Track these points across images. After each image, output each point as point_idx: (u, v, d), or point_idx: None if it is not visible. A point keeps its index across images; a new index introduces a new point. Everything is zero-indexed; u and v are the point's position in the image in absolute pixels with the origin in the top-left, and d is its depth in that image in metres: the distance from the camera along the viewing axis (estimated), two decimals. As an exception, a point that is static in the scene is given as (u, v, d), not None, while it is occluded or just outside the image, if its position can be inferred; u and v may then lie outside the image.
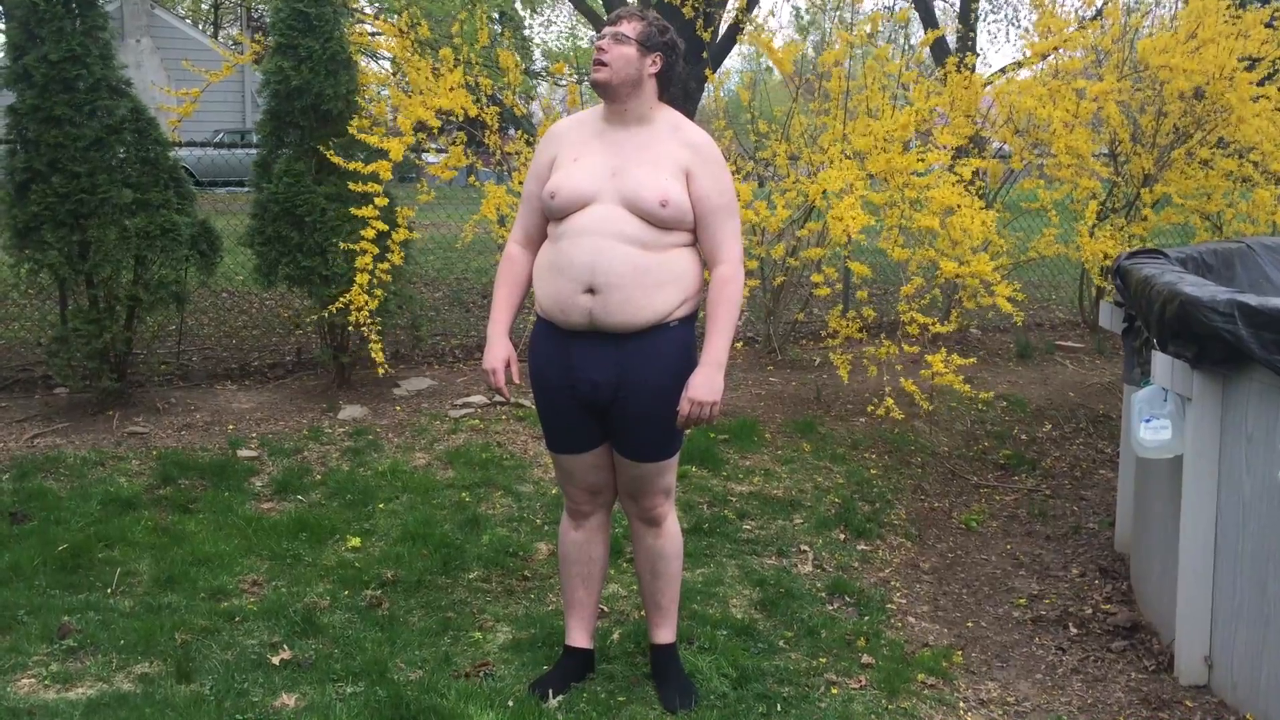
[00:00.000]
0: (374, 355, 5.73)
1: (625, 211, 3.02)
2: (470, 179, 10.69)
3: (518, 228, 3.29)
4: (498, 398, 6.02)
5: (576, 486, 3.29)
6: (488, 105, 6.32)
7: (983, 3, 18.43)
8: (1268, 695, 3.38)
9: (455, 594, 4.03)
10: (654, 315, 3.03)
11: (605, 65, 3.07)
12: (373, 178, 5.73)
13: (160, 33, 20.31)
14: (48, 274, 5.56)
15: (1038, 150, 6.94)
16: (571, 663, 3.37)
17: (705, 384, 3.03)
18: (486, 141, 6.48)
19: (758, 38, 6.94)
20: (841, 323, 6.20)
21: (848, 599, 4.17)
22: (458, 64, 6.25)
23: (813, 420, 5.96)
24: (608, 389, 3.07)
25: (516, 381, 3.24)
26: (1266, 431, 3.37)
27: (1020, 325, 8.18)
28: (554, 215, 3.11)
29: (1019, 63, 8.25)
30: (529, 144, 6.38)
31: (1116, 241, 6.50)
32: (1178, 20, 7.22)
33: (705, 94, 9.38)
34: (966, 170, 6.02)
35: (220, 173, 13.66)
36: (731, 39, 10.37)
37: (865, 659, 3.65)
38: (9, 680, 3.31)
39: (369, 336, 5.72)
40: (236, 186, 12.36)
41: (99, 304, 5.66)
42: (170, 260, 5.72)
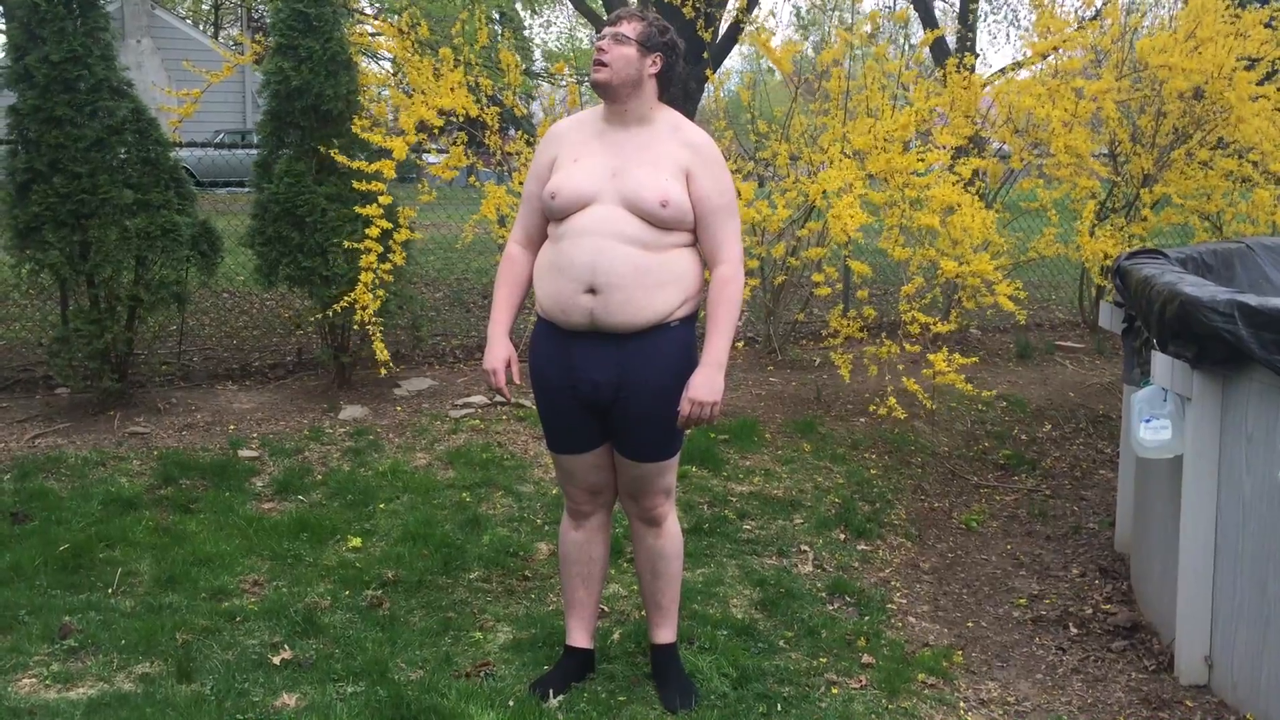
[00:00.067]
0: (378, 355, 5.72)
1: (626, 212, 3.02)
2: (470, 179, 10.69)
3: (518, 228, 3.29)
4: (498, 398, 6.02)
5: (577, 486, 3.29)
6: (488, 105, 6.33)
7: (982, 3, 18.43)
8: (1268, 695, 3.38)
9: (456, 594, 4.03)
10: (655, 315, 3.04)
11: (605, 65, 3.07)
12: (376, 176, 5.73)
13: (161, 33, 20.31)
14: (49, 274, 5.57)
15: (1037, 151, 6.94)
16: (572, 663, 3.37)
17: (706, 384, 3.04)
18: (487, 142, 6.48)
19: (757, 38, 6.95)
20: (842, 322, 6.21)
21: (848, 599, 4.17)
22: (458, 64, 6.25)
23: (813, 420, 5.97)
24: (608, 389, 3.07)
25: (517, 382, 3.24)
26: (1266, 431, 3.37)
27: (1021, 325, 8.19)
28: (554, 216, 3.11)
29: (1018, 63, 8.26)
30: (529, 144, 6.38)
31: (1116, 241, 6.51)
32: (1177, 20, 7.22)
33: (705, 94, 9.38)
34: (966, 169, 6.02)
35: (221, 173, 13.67)
36: (732, 39, 10.37)
37: (865, 659, 3.66)
38: (10, 680, 3.32)
39: (373, 335, 5.73)
40: (237, 187, 12.37)
41: (100, 304, 5.66)
42: (171, 260, 5.73)
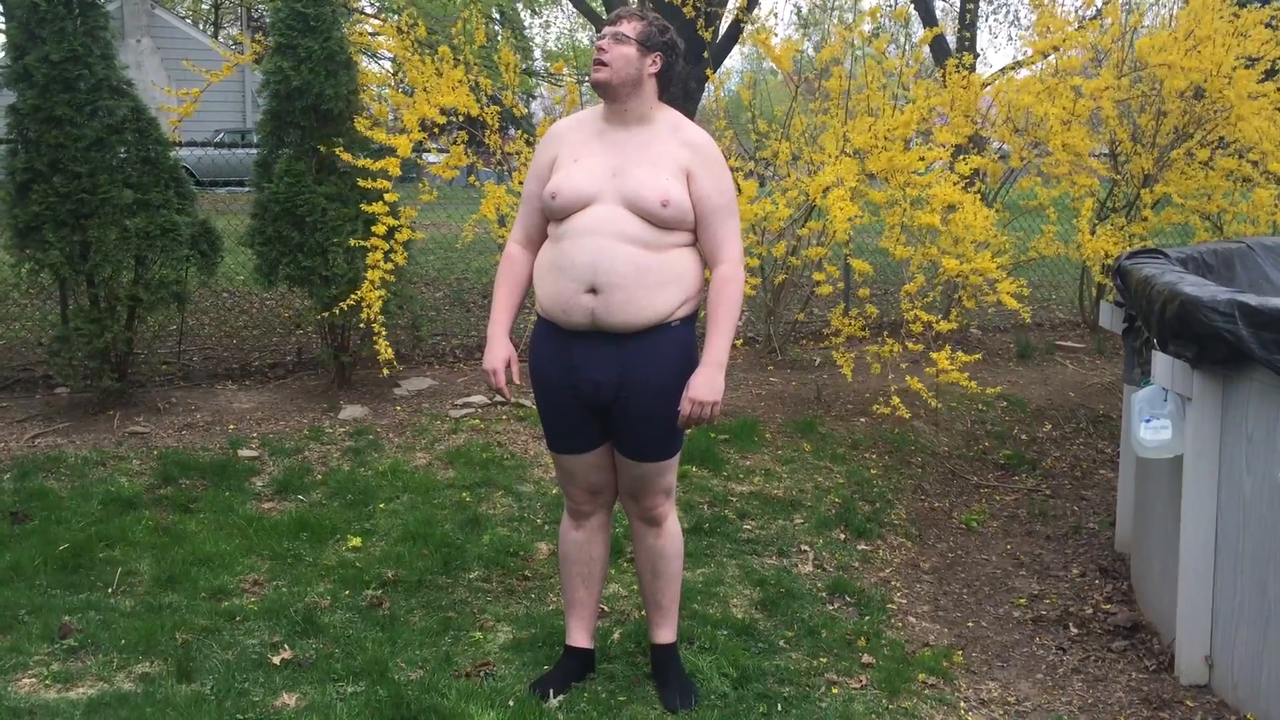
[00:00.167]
0: (382, 353, 5.72)
1: (626, 212, 3.02)
2: (470, 179, 10.70)
3: (518, 228, 3.29)
4: (498, 398, 6.02)
5: (577, 486, 3.29)
6: (488, 105, 6.33)
7: (982, 3, 18.44)
8: (1268, 695, 3.38)
9: (456, 594, 4.03)
10: (655, 315, 3.04)
11: (605, 65, 3.07)
12: (382, 174, 5.74)
13: (161, 33, 20.31)
14: (49, 274, 5.57)
15: (1037, 150, 6.94)
16: (572, 662, 3.37)
17: (706, 384, 3.03)
18: (487, 141, 6.48)
19: (757, 37, 6.95)
20: (844, 321, 6.20)
21: (848, 599, 4.17)
22: (458, 63, 6.26)
23: (813, 420, 5.96)
24: (609, 389, 3.07)
25: (517, 381, 3.24)
26: (1267, 431, 3.37)
27: (1021, 325, 8.19)
28: (555, 215, 3.11)
29: (1018, 63, 8.25)
30: (529, 144, 6.38)
31: (1117, 241, 6.50)
32: (1177, 19, 7.22)
33: (705, 94, 9.38)
34: (966, 167, 6.02)
35: (221, 173, 13.65)
36: (732, 39, 10.37)
37: (866, 659, 3.66)
38: (10, 680, 3.31)
39: (378, 334, 5.73)
40: (237, 186, 12.35)
41: (100, 304, 5.66)
42: (171, 260, 5.73)
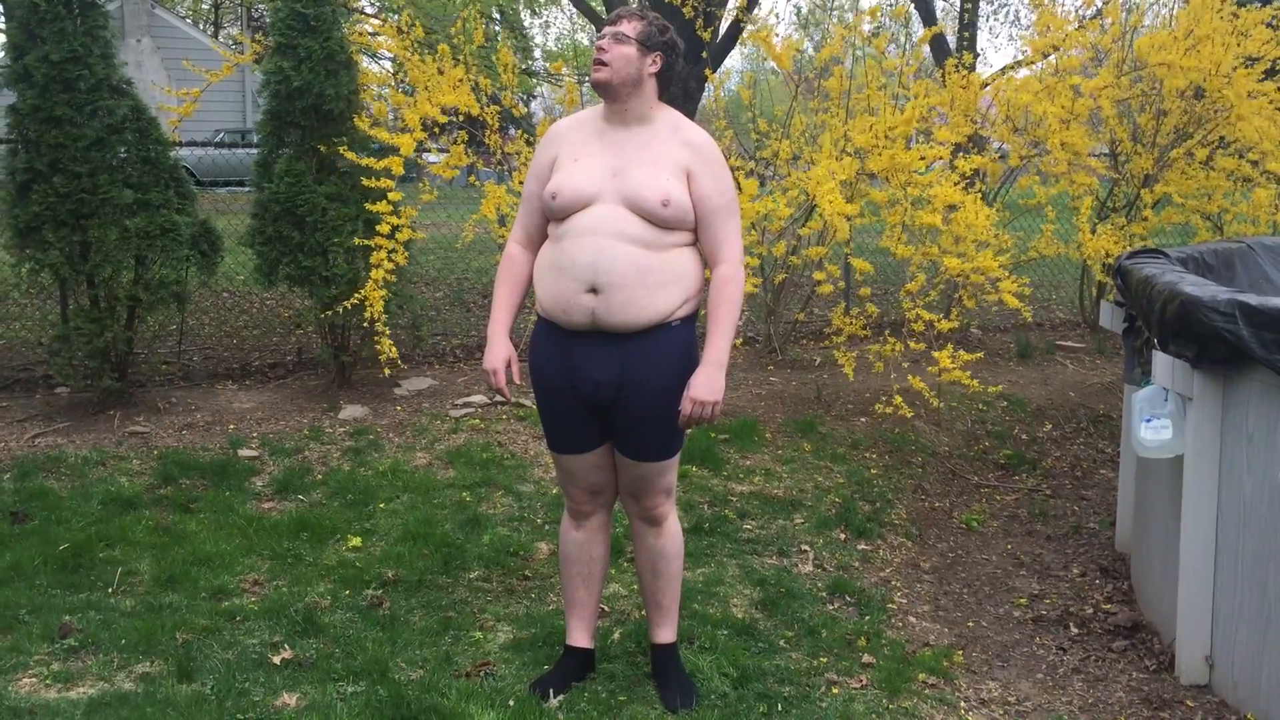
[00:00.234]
0: (388, 352, 5.74)
1: (627, 211, 3.02)
2: (470, 179, 10.70)
3: (518, 228, 3.29)
4: (498, 397, 6.02)
5: (577, 486, 3.29)
6: (488, 105, 6.33)
7: (983, 4, 18.43)
8: (1269, 695, 3.38)
9: (456, 594, 4.03)
10: (656, 315, 3.03)
11: (605, 65, 3.07)
12: (385, 173, 5.74)
13: (161, 33, 20.32)
14: (49, 274, 5.56)
15: (1037, 150, 6.93)
16: (572, 662, 3.37)
17: (707, 384, 3.03)
18: (487, 141, 6.48)
19: (758, 34, 6.95)
20: (845, 320, 6.20)
21: (848, 599, 4.17)
22: (458, 63, 6.26)
23: (813, 420, 5.96)
24: (609, 389, 3.07)
25: (517, 381, 3.24)
26: (1267, 431, 3.37)
27: (1021, 325, 8.19)
28: (555, 215, 3.11)
29: (1018, 63, 8.25)
30: (529, 143, 6.38)
31: (1117, 240, 6.50)
32: (1176, 19, 7.21)
33: (705, 94, 9.38)
34: (967, 165, 6.02)
35: (221, 172, 13.66)
36: (732, 39, 10.37)
37: (866, 658, 3.66)
38: (10, 679, 3.31)
39: (382, 333, 5.73)
40: (237, 186, 12.36)
41: (100, 304, 5.66)
42: (171, 260, 5.73)
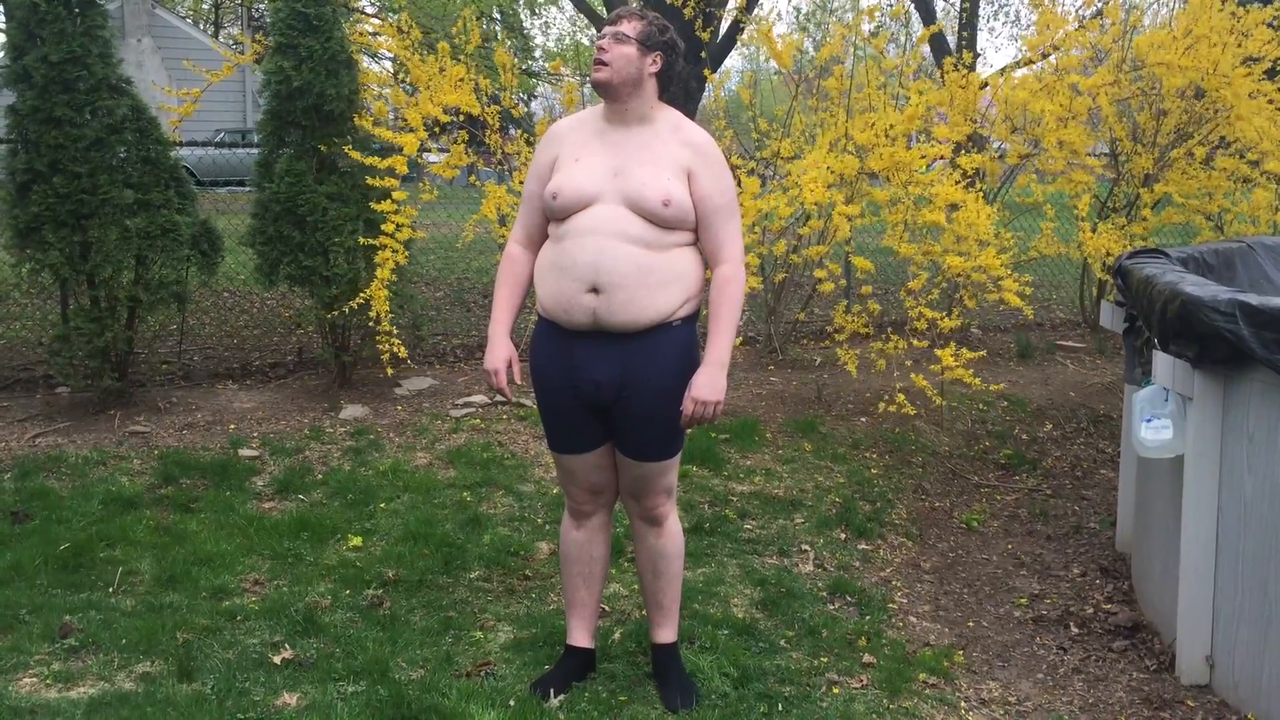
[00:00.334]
0: (397, 351, 5.77)
1: (628, 211, 3.02)
2: (471, 179, 10.70)
3: (518, 228, 3.29)
4: (499, 397, 6.02)
5: (578, 486, 3.29)
6: (488, 105, 6.34)
7: (983, 5, 18.44)
8: (1269, 695, 3.38)
9: (456, 593, 4.03)
10: (657, 315, 3.03)
11: (606, 65, 3.07)
12: (389, 172, 5.75)
13: (161, 32, 20.32)
14: (49, 274, 5.56)
15: (1036, 149, 6.93)
16: (573, 662, 3.37)
17: (708, 384, 3.03)
18: (487, 141, 6.48)
19: (759, 31, 6.94)
20: (847, 318, 6.19)
21: (849, 598, 4.17)
22: (458, 62, 6.26)
23: (814, 420, 5.96)
24: (610, 389, 3.07)
25: (518, 381, 3.24)
26: (1268, 431, 3.37)
27: (1022, 325, 8.19)
28: (556, 215, 3.11)
29: (1018, 63, 8.25)
30: (529, 143, 6.39)
31: (1118, 239, 6.50)
32: (1176, 19, 7.21)
33: (705, 94, 9.38)
34: (968, 163, 6.02)
35: (221, 172, 13.68)
36: (731, 39, 10.38)
37: (866, 658, 3.66)
38: (11, 679, 3.31)
39: (389, 332, 5.74)
40: (237, 186, 12.37)
41: (100, 304, 5.66)
42: (171, 260, 5.73)
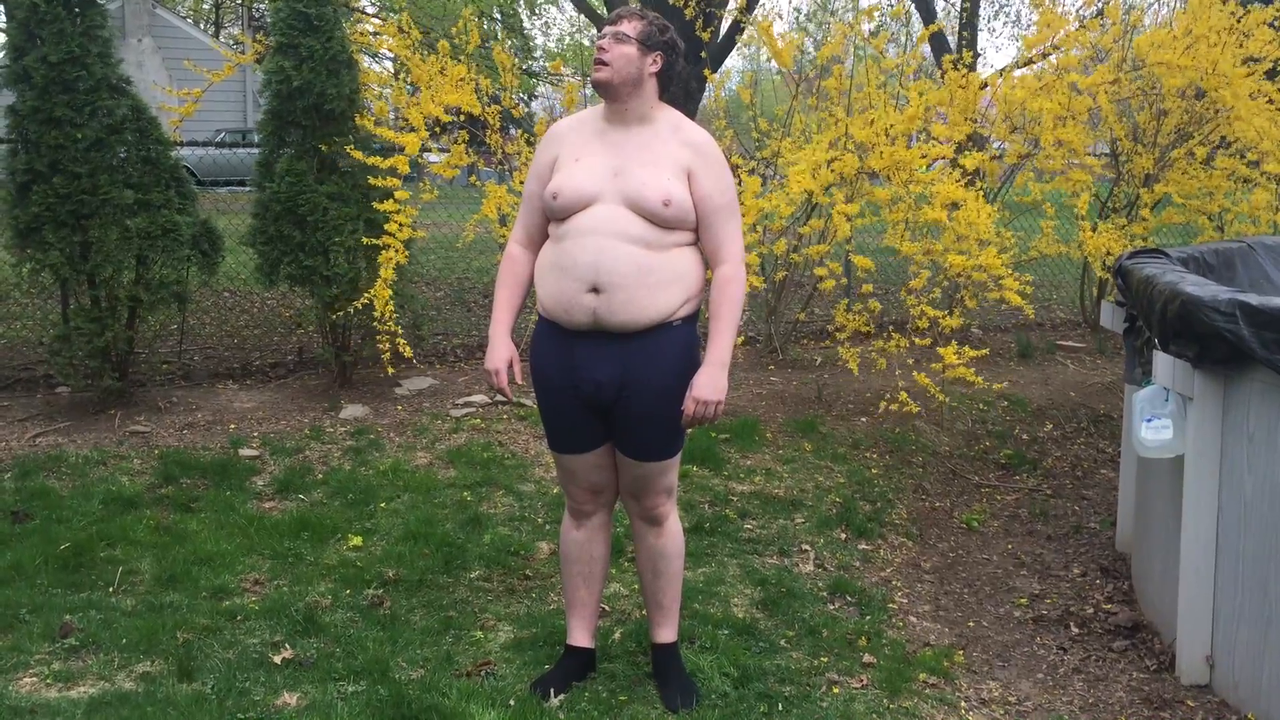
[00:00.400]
0: (401, 350, 5.78)
1: (628, 211, 3.02)
2: (471, 178, 10.71)
3: (519, 228, 3.29)
4: (499, 397, 6.02)
5: (578, 486, 3.29)
6: (489, 105, 6.34)
7: (984, 6, 18.44)
8: (1269, 695, 3.38)
9: (457, 593, 4.03)
10: (658, 315, 3.03)
11: (606, 65, 3.07)
12: (391, 172, 5.75)
13: (162, 32, 20.34)
14: (49, 274, 5.56)
15: (1035, 148, 6.92)
16: (573, 662, 3.37)
17: (710, 383, 3.04)
18: (488, 141, 6.48)
19: (760, 26, 6.94)
20: (848, 317, 6.19)
21: (849, 598, 4.17)
22: (458, 62, 6.26)
23: (814, 420, 5.96)
24: (611, 389, 3.07)
25: (519, 381, 3.24)
26: (1268, 431, 3.37)
27: (1022, 325, 8.19)
28: (556, 215, 3.11)
29: (1018, 63, 8.24)
30: (529, 143, 6.39)
31: (1118, 238, 6.49)
32: (1176, 18, 7.21)
33: (706, 94, 9.38)
34: (970, 162, 6.01)
35: (222, 172, 13.69)
36: (731, 39, 10.39)
37: (867, 658, 3.66)
38: (11, 679, 3.31)
39: (396, 331, 5.75)
40: (238, 186, 12.38)
41: (101, 303, 5.66)
42: (172, 260, 5.73)
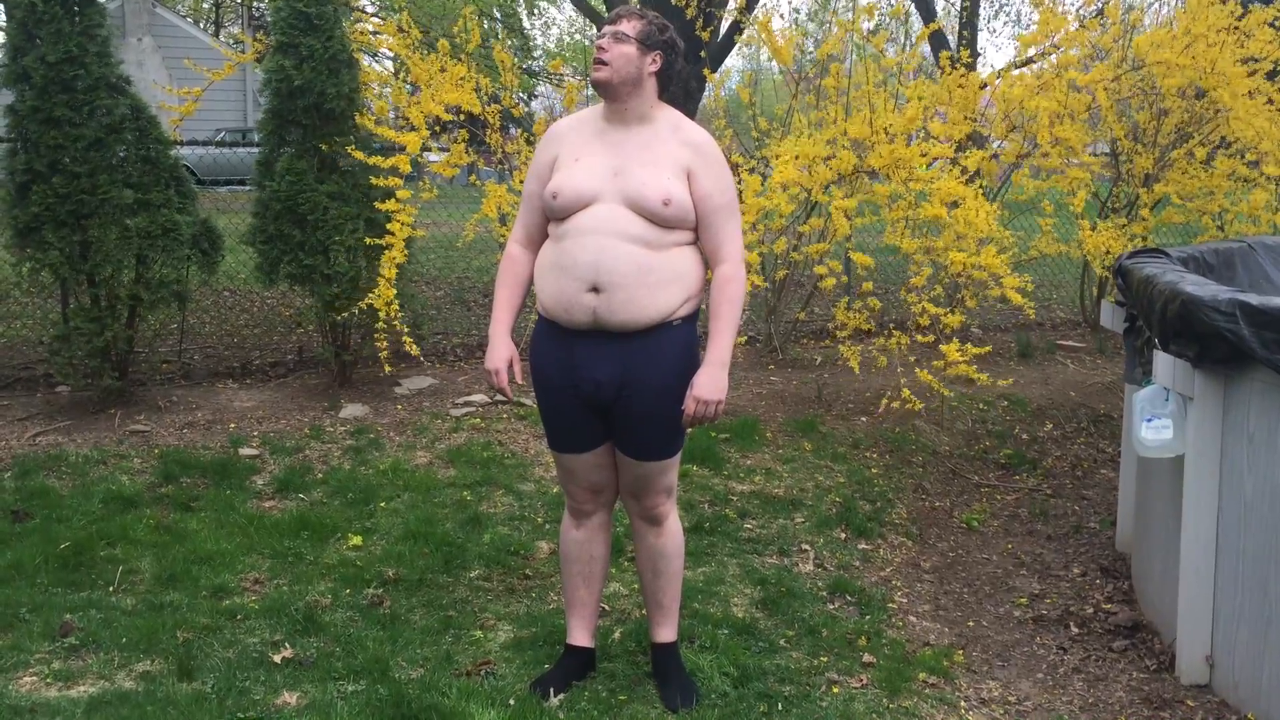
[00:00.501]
0: (408, 348, 5.80)
1: (628, 211, 3.02)
2: (471, 178, 10.70)
3: (518, 227, 3.29)
4: (499, 397, 6.02)
5: (578, 485, 3.29)
6: (489, 104, 6.34)
7: (984, 6, 18.44)
8: (1269, 695, 3.38)
9: (456, 593, 4.03)
10: (658, 314, 3.03)
11: (606, 64, 3.07)
12: (393, 171, 5.75)
13: (162, 31, 20.34)
14: (49, 273, 5.56)
15: (1034, 147, 6.91)
16: (573, 661, 3.37)
17: (710, 383, 3.04)
18: (488, 140, 6.48)
19: (760, 23, 6.94)
20: (848, 315, 6.19)
21: (849, 598, 4.17)
22: (458, 61, 6.26)
23: (814, 419, 5.96)
24: (611, 388, 3.07)
25: (519, 381, 3.24)
26: (1268, 431, 3.37)
27: (1022, 324, 8.19)
28: (556, 215, 3.11)
29: (1017, 62, 8.25)
30: (529, 143, 6.39)
31: (1118, 237, 6.49)
32: (1176, 18, 7.20)
33: (705, 94, 9.38)
34: (971, 161, 6.01)
35: (222, 171, 13.68)
36: (731, 39, 10.40)
37: (866, 658, 3.66)
38: (11, 678, 3.31)
39: (402, 330, 5.76)
40: (238, 185, 12.38)
41: (100, 303, 5.66)
42: (172, 259, 5.73)
